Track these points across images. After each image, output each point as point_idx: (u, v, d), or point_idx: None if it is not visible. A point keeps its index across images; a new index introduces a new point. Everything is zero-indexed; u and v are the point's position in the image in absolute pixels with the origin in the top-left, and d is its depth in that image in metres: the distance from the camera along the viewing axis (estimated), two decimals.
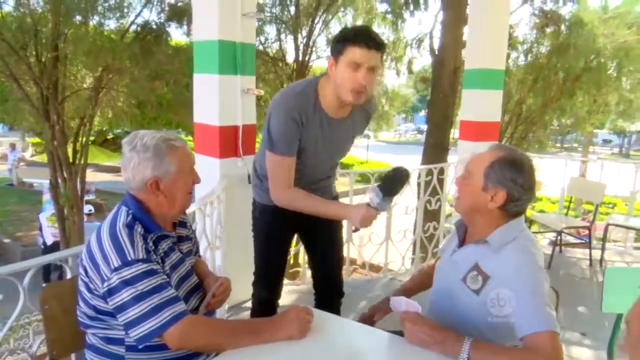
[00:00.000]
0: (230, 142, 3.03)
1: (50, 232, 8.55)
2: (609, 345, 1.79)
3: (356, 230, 1.76)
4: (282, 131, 1.73)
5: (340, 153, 1.98)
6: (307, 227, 2.06)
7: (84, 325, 1.37)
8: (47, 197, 10.17)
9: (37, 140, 17.30)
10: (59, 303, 1.46)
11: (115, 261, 1.24)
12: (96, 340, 1.36)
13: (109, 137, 12.21)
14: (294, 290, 3.63)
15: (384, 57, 9.95)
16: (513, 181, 1.35)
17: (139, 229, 1.32)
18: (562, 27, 7.91)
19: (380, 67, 1.74)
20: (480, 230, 1.42)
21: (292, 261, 4.30)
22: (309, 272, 4.10)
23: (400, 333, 1.37)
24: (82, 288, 1.33)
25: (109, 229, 1.30)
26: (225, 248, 2.99)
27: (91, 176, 7.36)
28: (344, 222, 2.20)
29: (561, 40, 7.91)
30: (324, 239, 2.09)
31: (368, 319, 1.66)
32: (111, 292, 1.24)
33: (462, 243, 1.51)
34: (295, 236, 2.28)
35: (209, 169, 3.04)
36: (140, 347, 1.27)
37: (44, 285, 1.56)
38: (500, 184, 1.35)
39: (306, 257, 3.77)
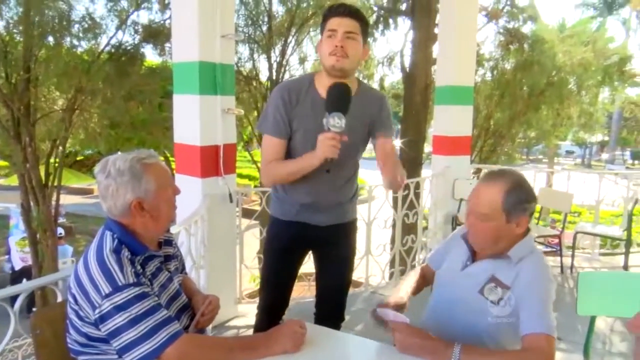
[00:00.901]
0: (211, 161, 3.06)
1: (19, 257, 8.30)
2: (585, 347, 1.87)
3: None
4: (270, 112, 1.83)
5: (343, 146, 1.73)
6: (320, 245, 2.04)
7: (75, 352, 1.35)
8: (14, 221, 9.88)
9: (2, 163, 16.77)
10: (50, 327, 1.44)
11: (105, 288, 1.23)
12: None
13: (79, 158, 11.93)
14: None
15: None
16: (527, 202, 1.42)
17: (125, 252, 1.30)
18: (525, 45, 8.27)
19: (359, 35, 1.76)
20: (500, 248, 1.47)
21: None
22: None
23: None
24: (72, 316, 1.31)
25: (96, 255, 1.29)
26: (209, 267, 2.99)
27: (61, 198, 7.20)
28: (357, 245, 2.22)
29: (525, 57, 8.27)
30: (333, 260, 2.05)
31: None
32: (103, 318, 1.23)
33: (473, 257, 1.54)
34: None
35: (191, 189, 3.05)
36: None
37: (33, 309, 1.55)
38: (521, 211, 1.41)
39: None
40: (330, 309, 2.09)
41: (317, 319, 2.10)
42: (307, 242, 2.03)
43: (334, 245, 2.01)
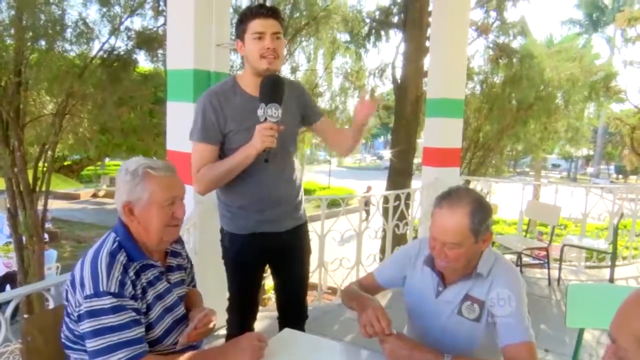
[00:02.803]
0: None
1: (2, 262, 8.18)
2: (573, 359, 1.90)
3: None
4: (199, 119, 1.81)
5: (282, 139, 1.79)
6: (278, 255, 2.04)
7: (67, 347, 1.36)
8: None
9: None
10: (41, 334, 1.44)
11: (89, 288, 1.24)
12: None
13: (66, 163, 11.80)
14: (265, 316, 3.63)
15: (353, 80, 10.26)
16: (489, 216, 1.42)
17: (121, 257, 1.31)
18: (514, 60, 8.42)
19: (281, 33, 1.79)
20: (470, 268, 1.47)
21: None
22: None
23: None
24: (66, 311, 1.34)
25: (93, 254, 1.30)
26: (200, 276, 2.97)
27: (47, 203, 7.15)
28: (314, 248, 2.21)
29: (514, 71, 8.41)
30: (289, 266, 2.07)
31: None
32: (80, 318, 1.25)
33: (443, 281, 1.51)
34: None
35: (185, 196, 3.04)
36: None
37: (25, 316, 1.54)
38: (486, 229, 1.41)
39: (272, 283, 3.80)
40: (291, 310, 2.11)
41: (280, 324, 2.09)
42: (268, 252, 2.01)
43: (292, 250, 2.02)
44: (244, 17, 1.78)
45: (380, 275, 1.69)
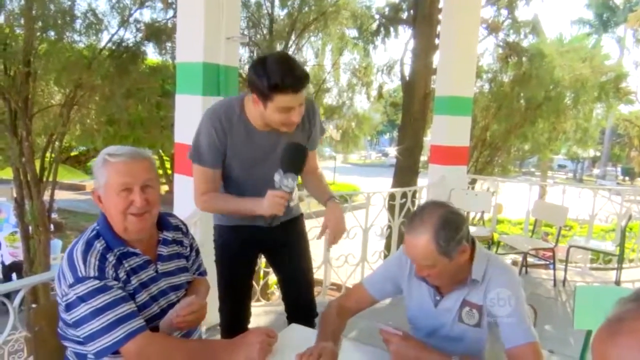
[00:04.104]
0: None
1: (8, 252, 8.24)
2: None
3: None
4: (202, 140, 1.74)
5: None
6: (270, 247, 2.02)
7: (62, 337, 1.38)
8: (3, 215, 9.79)
9: None
10: (49, 324, 1.45)
11: (70, 277, 1.26)
12: (70, 354, 1.38)
13: (72, 154, 11.87)
14: (270, 311, 3.64)
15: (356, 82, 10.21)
16: (457, 232, 1.35)
17: (98, 245, 1.32)
18: (524, 59, 8.36)
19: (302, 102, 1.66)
20: (461, 278, 1.44)
21: (261, 280, 4.29)
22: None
23: None
24: (58, 301, 1.35)
25: (71, 245, 1.33)
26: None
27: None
28: (314, 242, 2.16)
29: (523, 70, 8.35)
30: (289, 261, 2.03)
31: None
32: (69, 307, 1.26)
33: (439, 291, 1.49)
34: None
35: (190, 189, 3.03)
36: None
37: (33, 306, 1.55)
38: (457, 243, 1.35)
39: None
40: (300, 310, 2.04)
41: (289, 321, 2.04)
42: (257, 244, 1.99)
43: (285, 244, 1.98)
44: (272, 86, 1.57)
45: (373, 288, 1.64)
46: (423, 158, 8.89)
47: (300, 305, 2.06)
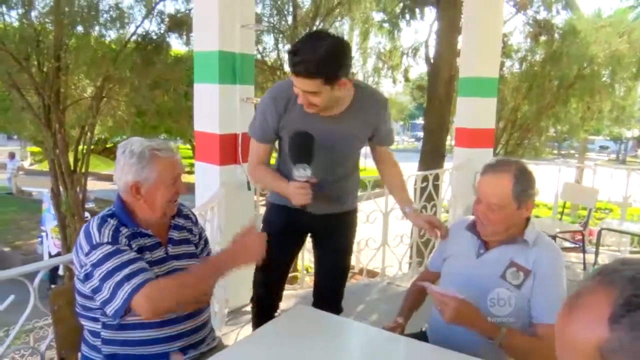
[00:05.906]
0: (230, 149, 3.11)
1: (53, 243, 8.66)
2: None
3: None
4: (259, 119, 1.86)
5: (337, 152, 1.87)
6: (317, 233, 2.05)
7: (80, 315, 1.45)
8: (46, 205, 10.24)
9: (36, 149, 17.33)
10: (68, 304, 1.52)
11: (85, 246, 1.35)
12: (86, 333, 1.46)
13: (108, 145, 12.26)
14: (293, 295, 3.68)
15: (381, 65, 10.07)
16: (531, 187, 1.47)
17: (112, 221, 1.41)
18: (555, 36, 8.03)
19: (321, 89, 1.62)
20: (510, 235, 1.51)
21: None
22: (307, 277, 4.15)
23: (414, 336, 1.51)
24: (76, 277, 1.42)
25: (88, 222, 1.41)
26: None
27: (90, 185, 7.48)
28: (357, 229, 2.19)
29: (554, 48, 8.03)
30: (331, 254, 2.06)
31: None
32: (87, 276, 1.34)
33: (485, 245, 1.56)
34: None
35: (210, 176, 3.11)
36: (112, 337, 1.38)
37: (52, 286, 1.63)
38: (527, 196, 1.46)
39: (304, 262, 3.85)
40: (326, 298, 2.09)
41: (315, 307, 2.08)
42: (303, 227, 2.03)
43: (330, 235, 2.01)
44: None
45: (433, 264, 1.80)
46: (451, 141, 8.72)
47: (328, 299, 2.09)
